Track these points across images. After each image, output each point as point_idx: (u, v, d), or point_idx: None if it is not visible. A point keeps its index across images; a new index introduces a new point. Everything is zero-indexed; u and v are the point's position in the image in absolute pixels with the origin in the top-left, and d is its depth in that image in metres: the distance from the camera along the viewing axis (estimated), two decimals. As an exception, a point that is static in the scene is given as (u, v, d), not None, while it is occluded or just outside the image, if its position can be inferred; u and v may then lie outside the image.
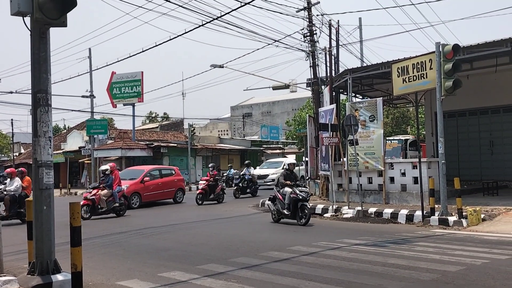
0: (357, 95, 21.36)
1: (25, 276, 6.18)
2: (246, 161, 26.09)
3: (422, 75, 12.52)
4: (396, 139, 29.35)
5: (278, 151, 50.33)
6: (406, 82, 12.92)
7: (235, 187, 23.44)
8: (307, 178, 20.51)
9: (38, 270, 6.07)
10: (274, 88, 30.14)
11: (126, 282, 6.77)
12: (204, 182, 20.26)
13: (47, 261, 6.10)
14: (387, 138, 28.64)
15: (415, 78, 12.69)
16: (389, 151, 28.33)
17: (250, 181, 23.63)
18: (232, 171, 26.42)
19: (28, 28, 6.33)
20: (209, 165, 21.94)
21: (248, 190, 23.46)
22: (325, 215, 14.46)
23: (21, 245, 9.15)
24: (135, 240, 10.85)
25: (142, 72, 38.12)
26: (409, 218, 12.60)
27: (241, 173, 24.31)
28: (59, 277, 6.07)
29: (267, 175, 30.03)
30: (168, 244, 10.11)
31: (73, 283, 5.72)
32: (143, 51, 20.25)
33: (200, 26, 16.19)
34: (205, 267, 7.54)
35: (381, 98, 16.61)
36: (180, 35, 17.04)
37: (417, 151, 26.94)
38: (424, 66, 12.47)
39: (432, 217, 11.95)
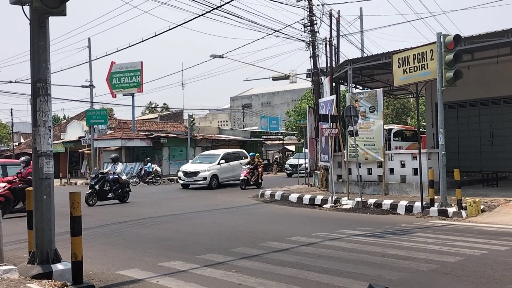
0: (357, 86, 21.34)
1: (25, 265, 6.19)
2: (113, 155, 19.11)
3: (423, 65, 12.47)
4: None
5: (277, 142, 50.37)
6: (406, 72, 12.88)
7: (90, 190, 16.96)
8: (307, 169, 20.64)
9: (38, 259, 6.08)
10: (274, 78, 30.04)
11: (126, 271, 6.79)
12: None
13: (47, 251, 6.11)
14: None
15: (415, 69, 12.65)
16: None
17: (116, 182, 17.54)
18: (151, 166, 24.17)
19: (28, 17, 6.29)
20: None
21: (109, 195, 17.21)
22: (325, 206, 14.49)
23: (21, 234, 9.17)
24: (135, 229, 10.88)
25: (142, 62, 38.04)
26: (409, 209, 12.62)
27: (103, 171, 18.36)
28: (59, 266, 6.07)
29: (198, 172, 23.81)
30: (168, 233, 10.13)
31: (73, 272, 5.73)
32: (142, 41, 20.16)
33: (200, 15, 16.12)
34: (205, 257, 7.56)
35: (382, 89, 16.57)
36: (179, 25, 16.97)
37: (402, 142, 25.88)
38: (425, 56, 12.42)
39: (431, 208, 11.97)
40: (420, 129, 17.89)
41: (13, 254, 7.89)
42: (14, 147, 47.85)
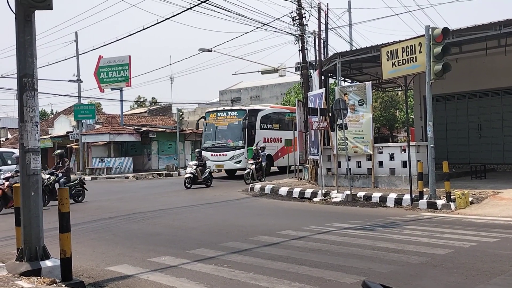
0: (346, 79, 21.37)
1: (14, 262, 6.12)
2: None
3: (411, 58, 12.51)
4: (234, 110, 25.37)
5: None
6: (395, 66, 12.91)
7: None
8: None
9: (26, 256, 6.01)
10: (263, 72, 29.93)
11: (116, 267, 6.74)
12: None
13: (35, 247, 6.04)
14: (219, 109, 26.00)
15: (404, 62, 12.69)
16: (223, 130, 24.69)
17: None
18: None
19: (13, 11, 6.18)
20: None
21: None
22: (314, 199, 14.51)
23: (8, 231, 9.10)
24: (125, 225, 10.82)
25: (130, 56, 37.69)
26: (398, 201, 12.68)
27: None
28: (48, 263, 6.01)
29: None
30: (158, 229, 10.09)
31: (63, 269, 5.68)
32: (130, 35, 20.01)
33: (188, 9, 15.99)
34: (195, 251, 7.54)
35: (371, 82, 16.59)
36: (167, 19, 16.83)
37: (280, 131, 25.16)
38: (413, 49, 12.45)
39: (420, 200, 12.04)
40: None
41: (0, 251, 7.81)
42: (1, 142, 47.33)
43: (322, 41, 19.80)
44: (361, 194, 13.79)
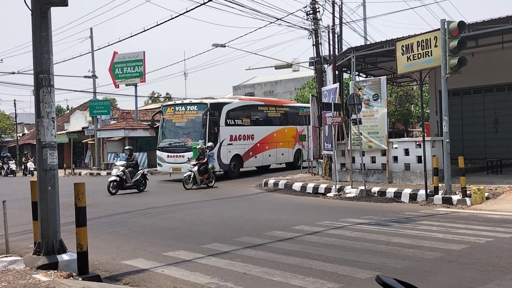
0: (360, 74, 21.22)
1: (31, 256, 6.21)
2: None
3: (426, 52, 12.38)
4: (193, 103, 21.41)
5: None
6: (410, 60, 12.80)
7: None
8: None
9: (43, 250, 6.10)
10: (277, 67, 29.91)
11: (132, 261, 6.82)
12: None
13: (52, 241, 6.13)
14: (177, 103, 22.35)
15: (419, 56, 12.57)
16: (181, 127, 21.35)
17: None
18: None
19: (29, 8, 6.26)
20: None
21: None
22: (328, 194, 14.48)
23: (26, 225, 9.20)
24: (140, 219, 10.91)
25: (144, 52, 37.86)
26: (413, 197, 12.60)
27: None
28: (64, 257, 6.10)
29: None
30: (172, 223, 10.16)
31: (79, 262, 5.76)
32: (144, 31, 20.15)
33: (201, 4, 16.00)
34: (210, 246, 7.58)
35: (385, 76, 16.47)
36: (181, 14, 16.88)
37: (253, 126, 22.20)
38: (429, 43, 12.33)
39: (435, 196, 11.95)
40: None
41: (18, 245, 7.92)
42: (18, 138, 47.91)
43: (336, 35, 19.67)
44: (375, 189, 13.73)
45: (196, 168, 17.82)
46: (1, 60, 53.74)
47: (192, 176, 17.77)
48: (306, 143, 23.53)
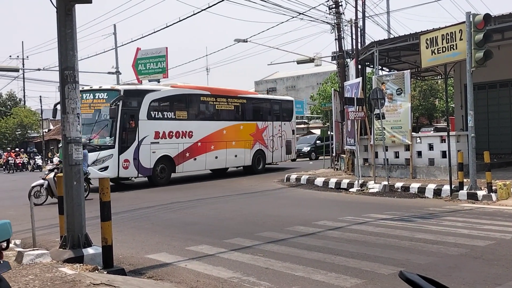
0: (383, 68, 21.01)
1: (57, 249, 6.33)
2: None
3: (451, 46, 12.19)
4: (103, 90, 16.93)
5: (302, 125, 50.13)
6: (435, 53, 12.62)
7: None
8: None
9: (69, 244, 6.21)
10: (299, 62, 29.83)
11: (155, 255, 6.89)
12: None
13: (78, 235, 6.24)
14: (85, 89, 17.13)
15: (444, 50, 12.38)
16: (88, 120, 16.20)
17: None
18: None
19: (54, 5, 6.35)
20: None
21: None
22: (351, 189, 14.41)
23: (52, 219, 9.38)
24: (163, 214, 11.02)
25: (167, 48, 38.07)
26: (437, 192, 12.45)
27: None
28: (90, 250, 6.20)
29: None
30: (195, 218, 10.24)
31: (104, 256, 5.85)
32: (167, 27, 20.20)
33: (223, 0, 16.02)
34: (232, 241, 7.62)
35: (409, 70, 16.28)
36: (203, 10, 16.93)
37: (175, 119, 17.30)
38: (454, 37, 12.13)
39: (460, 191, 11.79)
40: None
41: (45, 239, 8.08)
42: (44, 133, 48.76)
43: (359, 29, 19.50)
44: (398, 184, 13.60)
45: (52, 175, 13.17)
46: (27, 57, 54.57)
47: (45, 186, 13.35)
48: (271, 142, 22.46)
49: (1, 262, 3.85)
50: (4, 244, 3.85)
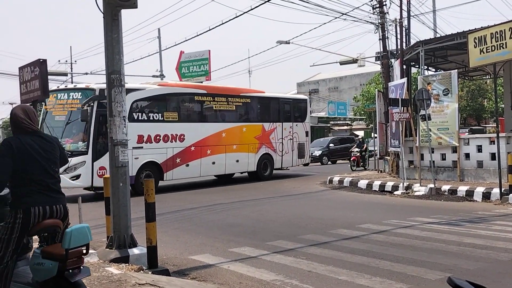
0: (429, 68, 20.55)
1: (104, 249, 6.48)
2: None
3: (501, 45, 11.79)
4: (77, 89, 15.40)
5: (345, 127, 49.65)
6: (483, 52, 12.23)
7: None
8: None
9: (115, 244, 6.35)
10: (342, 63, 29.55)
11: (199, 256, 6.96)
12: None
13: (124, 236, 6.37)
14: (60, 88, 16.25)
15: (493, 48, 11.99)
16: (61, 122, 14.76)
17: None
18: None
19: (101, 11, 6.51)
20: None
21: None
22: (395, 192, 14.15)
23: (99, 219, 9.62)
24: (206, 215, 11.12)
25: (210, 51, 38.53)
26: (486, 196, 12.07)
27: None
28: (135, 251, 6.32)
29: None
30: (238, 220, 10.28)
31: (149, 256, 5.95)
32: (210, 30, 20.48)
33: (266, 1, 16.08)
34: (274, 243, 7.60)
35: (456, 70, 15.85)
36: (245, 12, 17.06)
37: (163, 121, 15.91)
38: (503, 35, 11.73)
39: (510, 195, 11.39)
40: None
41: (92, 239, 8.28)
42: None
43: (404, 29, 19.15)
44: (445, 187, 13.26)
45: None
46: (75, 61, 56.53)
47: None
48: (280, 145, 20.28)
49: (82, 267, 3.93)
50: (84, 249, 3.90)
